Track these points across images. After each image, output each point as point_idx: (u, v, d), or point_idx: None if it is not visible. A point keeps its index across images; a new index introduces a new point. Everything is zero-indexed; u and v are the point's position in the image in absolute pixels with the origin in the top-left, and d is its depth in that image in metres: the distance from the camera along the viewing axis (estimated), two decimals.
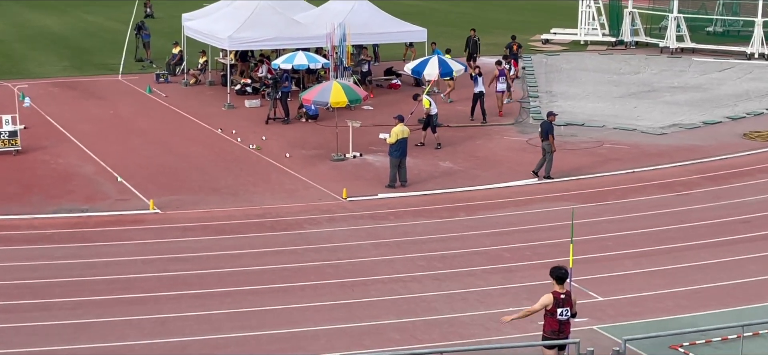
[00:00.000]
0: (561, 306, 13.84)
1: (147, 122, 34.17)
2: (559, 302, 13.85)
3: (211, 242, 21.80)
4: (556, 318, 13.84)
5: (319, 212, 24.11)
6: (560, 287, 13.95)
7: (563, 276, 14.00)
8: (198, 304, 18.16)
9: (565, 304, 13.87)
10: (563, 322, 13.90)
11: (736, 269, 19.78)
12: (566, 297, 13.92)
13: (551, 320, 13.90)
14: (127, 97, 38.57)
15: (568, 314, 13.91)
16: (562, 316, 13.84)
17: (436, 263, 20.36)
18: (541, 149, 26.82)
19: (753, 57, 45.29)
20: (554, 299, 13.86)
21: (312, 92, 30.14)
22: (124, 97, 38.41)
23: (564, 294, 13.91)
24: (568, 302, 13.93)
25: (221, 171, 27.95)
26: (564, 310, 13.84)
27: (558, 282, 13.98)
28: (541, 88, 39.45)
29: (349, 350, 16.03)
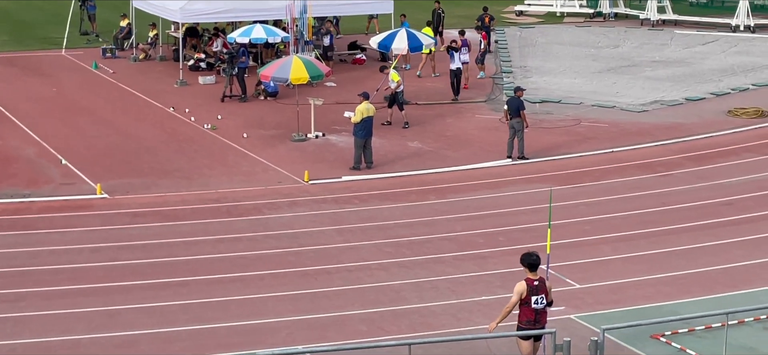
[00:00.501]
0: (535, 293, 13.87)
1: (93, 100, 33.89)
2: (532, 290, 13.88)
3: (163, 229, 21.71)
4: (531, 307, 13.86)
5: (279, 196, 24.08)
6: (533, 274, 13.98)
7: (535, 263, 14.00)
8: (149, 295, 18.10)
9: (539, 291, 13.91)
10: (539, 311, 13.93)
11: (720, 254, 20.02)
12: (540, 284, 13.96)
13: (526, 310, 13.91)
14: (72, 73, 38.23)
15: (544, 301, 13.95)
16: (538, 304, 13.87)
17: (404, 250, 20.42)
18: (510, 128, 26.85)
19: (738, 29, 45.74)
20: (528, 287, 13.90)
21: (271, 68, 30.05)
22: (69, 74, 38.07)
23: (537, 281, 13.95)
24: (543, 289, 13.97)
25: (174, 153, 27.81)
26: (539, 297, 13.88)
27: (530, 269, 14.00)
28: (514, 63, 39.59)
29: (312, 342, 16.05)
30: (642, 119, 31.48)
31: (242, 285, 18.60)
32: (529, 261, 14.01)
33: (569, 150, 28.13)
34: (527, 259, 14.04)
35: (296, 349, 15.25)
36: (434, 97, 34.38)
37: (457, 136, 29.74)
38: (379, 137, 28.55)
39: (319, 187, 24.94)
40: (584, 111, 32.51)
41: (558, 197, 23.88)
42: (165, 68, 38.78)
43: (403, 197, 24.10)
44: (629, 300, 17.78)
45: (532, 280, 13.94)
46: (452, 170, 26.39)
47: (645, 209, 22.94)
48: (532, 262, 13.99)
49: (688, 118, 31.59)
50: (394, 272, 19.24)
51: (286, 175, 25.84)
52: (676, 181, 25.12)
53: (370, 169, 26.26)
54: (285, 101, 33.28)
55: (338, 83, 35.86)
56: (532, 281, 13.93)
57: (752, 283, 18.54)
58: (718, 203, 23.32)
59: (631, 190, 24.41)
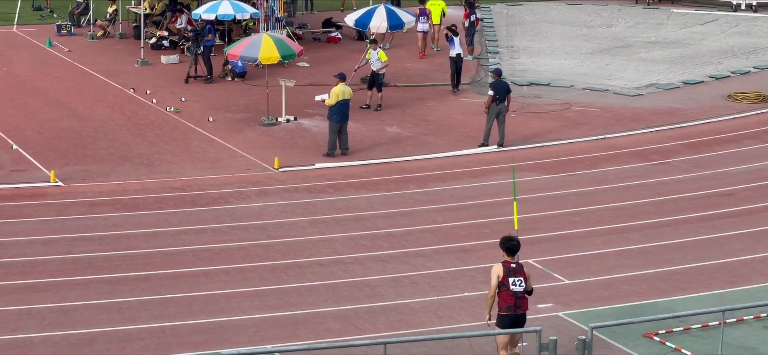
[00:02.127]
0: (513, 275, 14.25)
1: (47, 81, 33.72)
2: (510, 271, 14.27)
3: (122, 220, 21.65)
4: (510, 290, 14.21)
5: (248, 185, 24.05)
6: (511, 258, 14.41)
7: (514, 248, 14.45)
8: (107, 290, 18.05)
9: (516, 273, 14.30)
10: (518, 295, 14.25)
11: (718, 248, 20.14)
12: (517, 267, 14.36)
13: (505, 294, 14.24)
14: (24, 51, 38.02)
15: (523, 285, 14.27)
16: (516, 286, 14.22)
17: (382, 243, 20.44)
18: (492, 114, 26.81)
19: (739, 8, 45.98)
20: (504, 268, 14.28)
21: (239, 47, 29.98)
22: (20, 52, 37.85)
23: (514, 264, 14.37)
24: (521, 272, 14.34)
25: (134, 137, 27.72)
26: (517, 279, 14.24)
27: (508, 253, 14.44)
28: (501, 43, 39.67)
29: (282, 342, 16.06)
30: (636, 104, 31.61)
31: (207, 280, 18.57)
32: (508, 245, 14.47)
33: (559, 136, 28.22)
34: (506, 242, 14.51)
35: (264, 348, 15.25)
36: (415, 79, 34.38)
37: (439, 121, 29.77)
38: (355, 122, 28.54)
39: (290, 174, 24.92)
40: (575, 94, 32.61)
41: (546, 186, 23.97)
42: (125, 47, 38.62)
43: (380, 186, 24.12)
44: (621, 296, 17.87)
45: (509, 262, 14.38)
46: (434, 157, 26.41)
47: (639, 199, 23.05)
48: (511, 246, 14.45)
49: (686, 102, 31.74)
50: (371, 266, 19.26)
51: (254, 162, 25.80)
52: (673, 170, 25.25)
53: (345, 156, 26.26)
54: (254, 82, 33.21)
55: (311, 63, 35.82)
56: (509, 263, 14.37)
57: (752, 279, 18.67)
58: (716, 193, 23.46)
59: (624, 179, 24.52)
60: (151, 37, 38.30)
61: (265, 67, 30.32)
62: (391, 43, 38.72)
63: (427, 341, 15.63)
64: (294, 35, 36.67)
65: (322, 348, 15.32)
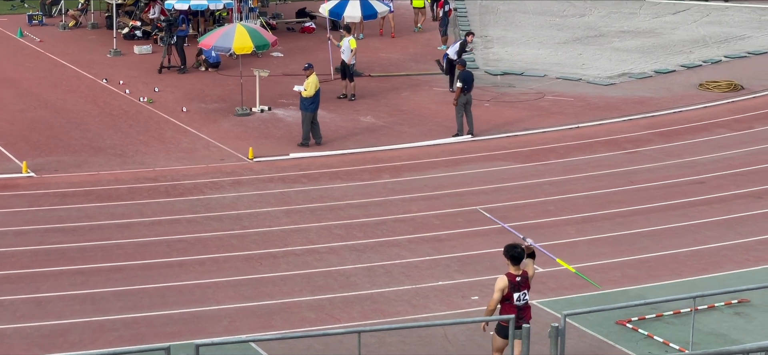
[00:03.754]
0: (517, 290, 13.57)
1: (18, 71, 33.51)
2: (514, 286, 13.57)
3: (96, 211, 21.57)
4: (513, 304, 13.59)
5: (222, 175, 24.01)
6: (515, 269, 13.65)
7: (519, 256, 13.62)
8: (80, 281, 17.99)
9: (521, 287, 13.61)
10: (522, 307, 13.66)
11: (689, 235, 20.28)
12: (522, 279, 13.67)
13: (508, 307, 13.61)
14: None
15: (526, 297, 13.66)
16: (520, 301, 13.61)
17: (356, 232, 20.46)
18: (461, 104, 26.85)
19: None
20: (509, 283, 13.56)
21: (212, 37, 29.90)
22: None
23: (520, 277, 13.64)
24: (525, 285, 13.68)
25: (107, 128, 27.61)
26: (521, 294, 13.59)
27: (513, 262, 13.64)
28: (475, 33, 39.65)
29: (257, 331, 16.06)
30: (609, 93, 31.74)
31: (181, 270, 18.54)
32: (512, 253, 13.64)
33: (532, 125, 28.31)
34: (510, 251, 13.66)
35: (239, 338, 15.25)
36: (389, 69, 34.40)
37: (413, 110, 29.80)
38: (329, 112, 28.56)
39: (264, 165, 24.88)
40: (548, 84, 32.72)
41: (520, 175, 24.06)
42: (97, 36, 38.42)
43: (355, 176, 24.13)
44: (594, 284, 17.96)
45: (515, 276, 13.62)
46: (408, 147, 26.45)
47: (611, 188, 23.17)
48: (516, 254, 13.62)
49: (658, 91, 31.91)
50: (345, 255, 19.28)
51: (228, 152, 25.75)
52: (644, 158, 25.38)
53: (319, 146, 26.25)
54: (228, 73, 33.12)
55: (285, 54, 35.76)
56: (514, 277, 13.61)
57: (723, 266, 18.81)
58: (688, 181, 23.61)
59: (596, 168, 24.63)
60: (124, 27, 38.13)
61: (238, 57, 30.25)
62: (364, 32, 38.71)
63: (401, 329, 15.68)
64: (268, 25, 36.59)
65: (296, 338, 15.36)
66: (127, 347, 14.90)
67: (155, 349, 12.82)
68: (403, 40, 38.94)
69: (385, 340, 15.60)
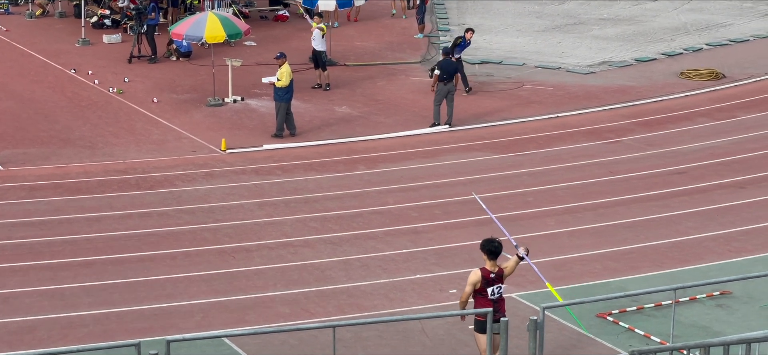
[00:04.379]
0: (491, 285, 13.61)
1: None
2: (488, 282, 13.60)
3: (64, 204, 21.47)
4: (488, 298, 13.62)
5: (194, 167, 23.95)
6: (491, 265, 13.64)
7: (496, 251, 13.58)
8: (49, 276, 17.91)
9: (495, 283, 13.65)
10: (496, 301, 13.65)
11: (671, 226, 20.38)
12: (497, 276, 13.65)
13: (482, 301, 13.63)
14: None
15: (501, 291, 13.69)
16: (494, 295, 13.64)
17: (331, 225, 20.45)
18: (439, 92, 26.85)
19: None
20: (483, 279, 13.57)
21: (183, 25, 29.79)
22: None
23: (494, 274, 13.63)
24: (500, 280, 13.69)
25: (75, 119, 27.48)
26: (495, 288, 13.62)
27: (490, 257, 13.61)
28: (452, 21, 39.74)
29: (230, 326, 16.04)
30: (589, 82, 31.83)
31: (152, 265, 18.49)
32: (489, 248, 13.58)
33: (511, 115, 28.36)
34: (488, 245, 13.60)
35: (212, 333, 15.23)
36: (364, 58, 34.38)
37: (389, 100, 29.80)
38: (303, 102, 28.52)
39: (237, 156, 24.84)
40: (527, 73, 32.78)
41: (499, 165, 24.11)
42: (65, 26, 38.20)
43: (330, 167, 24.12)
44: (574, 277, 18.04)
45: (489, 272, 13.60)
46: (384, 138, 26.45)
47: (592, 178, 23.25)
48: (493, 249, 13.57)
49: (638, 80, 32.02)
50: (320, 249, 19.27)
51: (200, 143, 25.68)
52: (625, 148, 25.48)
53: (294, 137, 26.22)
54: (199, 62, 33.02)
55: (258, 43, 35.67)
56: (489, 273, 13.60)
57: (705, 257, 18.91)
58: (669, 171, 23.72)
59: (576, 158, 24.71)
60: (93, 15, 37.91)
61: (210, 47, 30.15)
62: (339, 21, 38.68)
63: (378, 324, 15.69)
64: (240, 14, 36.48)
65: (270, 332, 15.34)
66: (96, 344, 14.87)
67: (125, 345, 12.78)
68: (379, 28, 38.92)
69: (362, 334, 15.60)
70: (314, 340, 15.36)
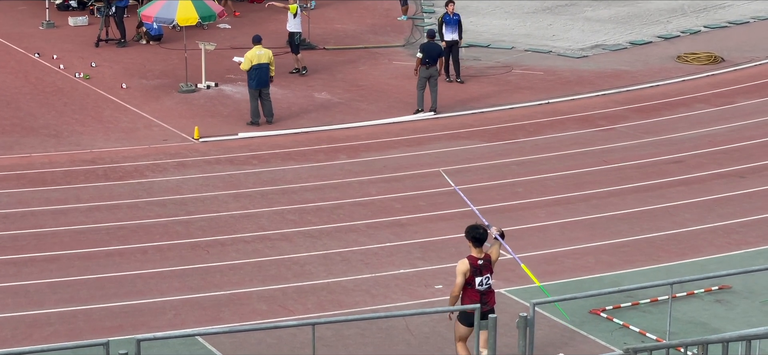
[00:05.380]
0: (479, 274, 13.72)
1: None
2: (476, 270, 13.72)
3: (28, 195, 21.41)
4: (476, 289, 13.73)
5: (165, 157, 23.91)
6: (477, 252, 13.77)
7: (481, 238, 13.74)
8: (12, 272, 17.87)
9: (483, 271, 13.75)
10: (485, 292, 13.79)
11: (667, 219, 20.45)
12: (485, 263, 13.78)
13: (470, 292, 13.74)
14: None
15: (489, 282, 13.80)
16: (482, 285, 13.75)
17: (311, 217, 20.45)
18: (423, 78, 26.83)
19: None
20: (471, 267, 13.70)
21: (154, 7, 29.69)
22: None
23: (482, 260, 13.76)
24: (488, 269, 13.80)
25: (39, 106, 27.40)
26: (483, 278, 13.73)
27: (475, 244, 13.75)
28: (437, 3, 39.68)
29: (204, 324, 16.04)
30: (581, 66, 31.89)
31: (121, 260, 18.46)
32: (473, 235, 13.75)
33: (499, 101, 28.40)
34: (472, 232, 13.78)
35: (185, 332, 15.21)
36: (345, 41, 34.36)
37: (371, 85, 29.80)
38: (281, 88, 28.49)
39: (211, 145, 24.81)
40: (516, 57, 32.81)
41: (487, 154, 24.14)
42: (28, 7, 38.03)
43: (309, 156, 24.11)
44: (566, 271, 18.09)
45: (477, 259, 13.76)
46: (366, 125, 26.46)
47: (584, 167, 23.30)
48: (478, 236, 13.75)
49: (633, 64, 32.10)
50: (299, 242, 19.27)
51: (172, 132, 25.64)
52: (620, 136, 25.55)
53: (270, 125, 26.20)
54: (171, 46, 32.94)
55: (233, 25, 35.60)
56: (476, 260, 13.75)
57: (702, 250, 18.98)
58: (665, 160, 23.79)
59: (568, 146, 24.76)
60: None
61: (182, 30, 30.07)
62: (316, 1, 38.62)
63: (359, 321, 15.70)
64: None
65: (247, 331, 15.33)
66: (63, 343, 14.84)
67: (94, 344, 12.75)
68: (360, 9, 38.87)
69: (343, 333, 15.62)
70: (293, 338, 15.37)
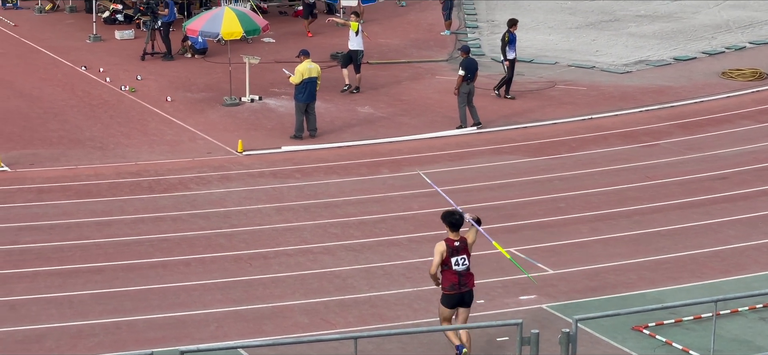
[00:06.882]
0: (455, 254, 14.83)
1: None
2: (452, 251, 14.82)
3: (74, 207, 21.55)
4: (452, 269, 14.83)
5: (209, 169, 24.00)
6: (454, 235, 14.92)
7: (457, 223, 14.92)
8: (57, 283, 17.97)
9: (460, 252, 14.87)
10: (462, 273, 14.86)
11: (710, 235, 20.27)
12: (461, 245, 14.89)
13: (448, 274, 14.86)
14: None
15: (466, 263, 14.91)
16: (458, 265, 14.83)
17: (353, 231, 20.45)
18: (464, 93, 26.79)
19: None
20: (448, 248, 14.80)
21: (199, 21, 29.86)
22: None
23: (458, 242, 14.88)
24: (464, 250, 14.91)
25: (86, 119, 27.59)
26: (460, 258, 14.85)
27: (452, 229, 14.94)
28: (480, 17, 39.70)
29: (246, 337, 16.06)
30: (625, 82, 31.73)
31: (165, 272, 18.52)
32: (450, 220, 14.96)
33: (542, 116, 28.30)
34: (449, 218, 15.00)
35: (227, 344, 15.23)
36: (388, 56, 34.38)
37: (414, 100, 29.78)
38: (325, 102, 28.53)
39: (254, 158, 24.88)
40: (560, 72, 32.70)
41: (530, 169, 24.05)
42: (76, 21, 38.39)
43: (352, 170, 24.12)
44: (609, 287, 17.96)
45: (453, 241, 14.89)
46: (408, 140, 26.43)
47: (627, 183, 23.15)
48: (454, 221, 14.95)
49: (677, 80, 31.90)
50: (341, 256, 19.26)
51: (216, 145, 25.73)
52: (663, 152, 25.38)
53: (313, 139, 26.24)
54: (215, 60, 33.09)
55: (277, 39, 35.74)
56: (453, 242, 14.88)
57: (747, 267, 18.80)
58: (709, 177, 23.61)
59: (611, 162, 24.62)
60: (104, 10, 38.09)
61: (227, 43, 30.21)
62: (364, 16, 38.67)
63: (401, 335, 15.66)
64: (258, 9, 36.54)
65: (288, 344, 15.32)
66: (107, 354, 14.89)
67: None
68: (404, 24, 38.92)
69: (384, 346, 15.59)
70: (334, 352, 15.35)
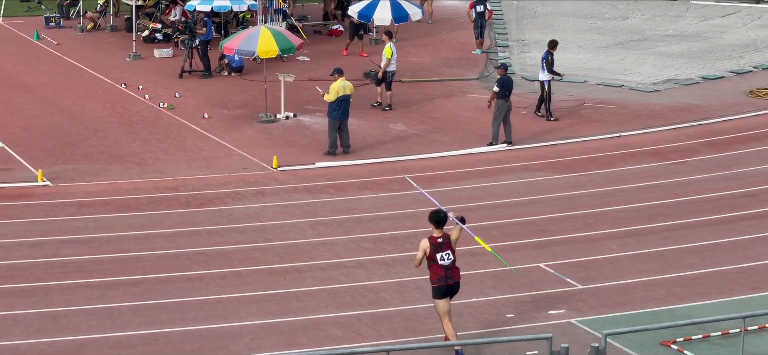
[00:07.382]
0: (440, 250, 15.54)
1: (34, 75, 33.74)
2: (436, 247, 15.55)
3: (113, 221, 21.65)
4: (439, 263, 15.52)
5: (245, 185, 24.05)
6: (438, 232, 15.61)
7: (441, 221, 15.63)
8: (97, 295, 18.06)
9: (443, 248, 15.56)
10: (448, 266, 15.55)
11: (739, 252, 20.13)
12: (444, 241, 15.58)
13: (435, 268, 15.56)
14: (10, 45, 38.04)
15: (451, 257, 15.57)
16: (444, 260, 15.51)
17: (386, 246, 20.43)
18: (500, 109, 26.76)
19: (762, 0, 45.91)
20: (431, 245, 15.54)
21: (235, 40, 29.97)
22: (7, 45, 37.88)
23: (441, 238, 15.58)
24: (447, 246, 15.59)
25: (125, 135, 27.74)
26: (444, 253, 15.54)
27: (436, 226, 15.63)
28: (511, 37, 39.65)
29: (280, 349, 16.07)
30: (653, 100, 31.58)
31: (201, 284, 18.57)
32: (435, 218, 15.68)
33: (572, 134, 28.20)
34: (434, 216, 15.71)
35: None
36: (420, 74, 34.39)
37: (445, 117, 29.76)
38: (358, 119, 28.56)
39: (289, 174, 24.92)
40: (589, 90, 32.60)
41: (559, 186, 23.97)
42: (116, 40, 38.63)
43: (384, 186, 24.11)
44: (637, 303, 17.86)
45: (436, 238, 15.60)
46: (440, 156, 26.40)
47: (656, 200, 23.04)
48: (438, 219, 15.67)
49: (705, 99, 31.72)
50: (374, 270, 19.25)
51: (252, 160, 25.80)
52: (691, 169, 25.23)
53: (347, 155, 26.26)
54: (251, 77, 33.21)
55: (312, 57, 35.82)
56: (436, 239, 15.59)
57: None
58: (737, 194, 23.45)
59: (640, 179, 24.51)
60: (144, 29, 38.33)
61: (263, 61, 30.32)
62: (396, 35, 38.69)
63: (432, 348, 15.62)
64: (293, 28, 36.66)
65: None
66: None
67: None
68: (436, 43, 38.94)
69: None
70: None
